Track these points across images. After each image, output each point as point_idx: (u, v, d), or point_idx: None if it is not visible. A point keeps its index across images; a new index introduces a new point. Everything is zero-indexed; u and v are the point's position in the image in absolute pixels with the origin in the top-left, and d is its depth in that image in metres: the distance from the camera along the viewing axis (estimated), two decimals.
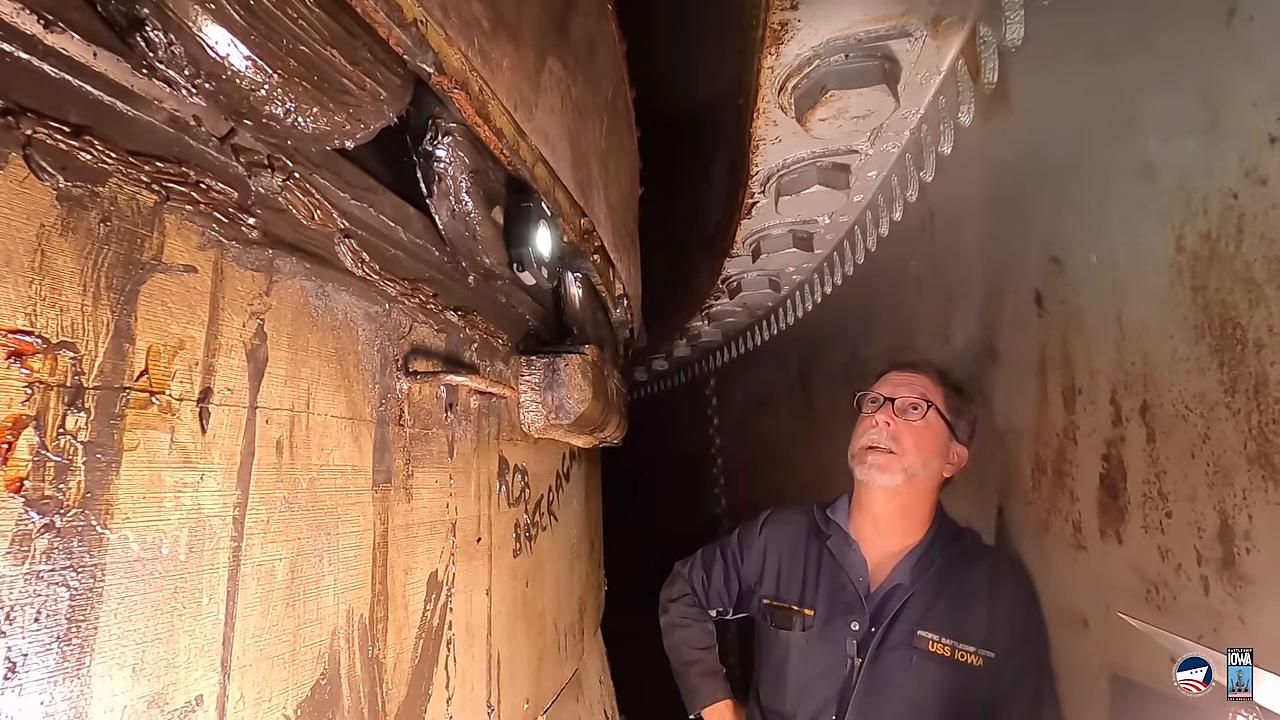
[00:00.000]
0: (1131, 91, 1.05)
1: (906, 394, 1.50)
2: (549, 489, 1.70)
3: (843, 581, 1.57)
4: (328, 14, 0.76)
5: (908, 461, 1.46)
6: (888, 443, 1.47)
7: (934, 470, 1.49)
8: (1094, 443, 1.20)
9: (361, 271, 0.93)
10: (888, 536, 1.55)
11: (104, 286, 0.58)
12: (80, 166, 0.58)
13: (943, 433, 1.48)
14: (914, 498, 1.52)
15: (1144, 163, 1.01)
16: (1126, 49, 1.06)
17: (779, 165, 2.02)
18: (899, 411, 1.48)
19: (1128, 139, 1.05)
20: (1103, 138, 1.11)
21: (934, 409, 1.47)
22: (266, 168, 0.78)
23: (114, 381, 0.59)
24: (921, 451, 1.47)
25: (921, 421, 1.47)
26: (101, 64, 0.61)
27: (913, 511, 1.53)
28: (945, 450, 1.49)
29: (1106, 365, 1.14)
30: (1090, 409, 1.21)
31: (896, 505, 1.54)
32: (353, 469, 0.88)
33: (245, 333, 0.73)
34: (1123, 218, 1.06)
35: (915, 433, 1.47)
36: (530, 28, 1.26)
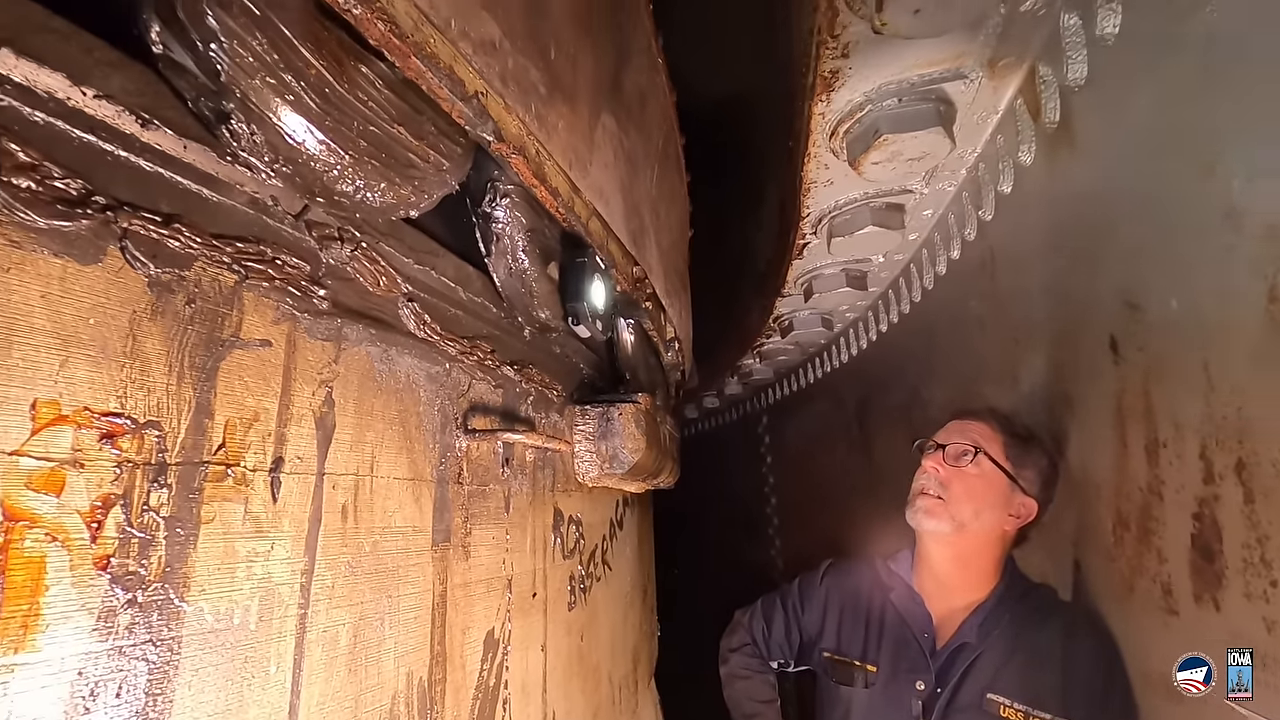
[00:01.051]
0: (1210, 131, 1.00)
1: (958, 440, 1.45)
2: (603, 538, 1.69)
3: (907, 637, 1.51)
4: (395, 93, 0.80)
5: (955, 509, 1.42)
6: (936, 489, 1.44)
7: (990, 521, 1.43)
8: (1183, 500, 1.12)
9: (423, 333, 0.96)
10: (950, 590, 1.49)
11: (187, 365, 0.61)
12: (169, 253, 0.61)
13: (999, 482, 1.42)
14: (971, 549, 1.46)
15: (1228, 207, 0.95)
16: (1201, 87, 1.01)
17: (831, 207, 2.00)
18: (950, 458, 1.44)
19: (1208, 181, 1.00)
20: (1179, 179, 1.06)
21: (985, 456, 1.42)
22: (337, 240, 0.82)
23: (194, 457, 0.61)
24: (971, 500, 1.41)
25: (974, 469, 1.42)
26: (190, 155, 0.65)
27: (973, 564, 1.47)
28: (1004, 501, 1.43)
29: (1194, 418, 1.07)
30: (1177, 464, 1.13)
31: (952, 555, 1.48)
32: (414, 529, 0.89)
33: (315, 401, 0.75)
34: (1206, 264, 1.00)
35: (965, 480, 1.42)
36: (585, 87, 1.30)
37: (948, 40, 1.34)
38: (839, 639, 1.62)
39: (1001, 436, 1.46)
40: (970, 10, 1.19)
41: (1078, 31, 1.25)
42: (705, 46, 2.73)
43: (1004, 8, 1.26)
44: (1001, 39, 1.36)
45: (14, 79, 0.52)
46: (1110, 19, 1.15)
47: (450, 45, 0.84)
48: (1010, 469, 1.43)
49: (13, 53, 0.51)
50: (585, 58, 1.29)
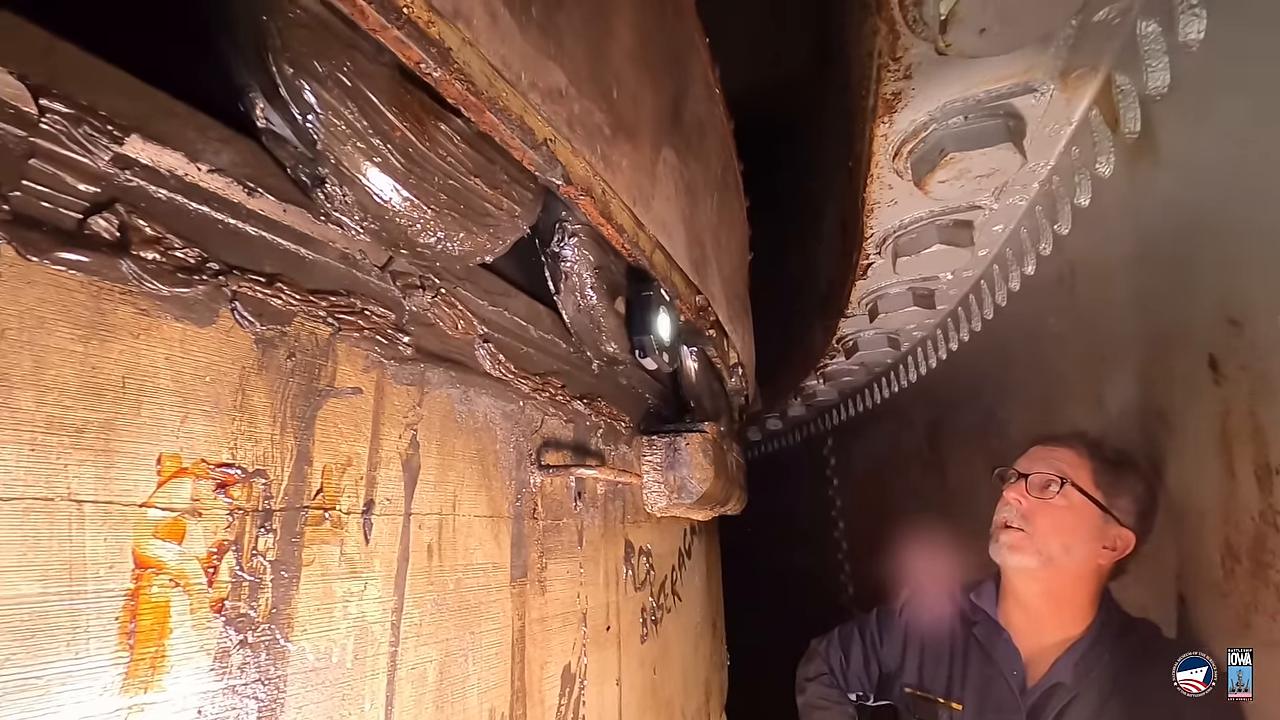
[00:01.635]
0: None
1: (1042, 469, 1.37)
2: (672, 568, 1.68)
3: (992, 675, 1.43)
4: (471, 146, 0.84)
5: (1042, 543, 1.33)
6: (1018, 521, 1.36)
7: (1081, 555, 1.34)
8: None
9: (498, 372, 0.99)
10: (1041, 627, 1.40)
11: (289, 416, 0.65)
12: (272, 310, 0.65)
13: (1089, 513, 1.33)
14: (1062, 585, 1.37)
15: None
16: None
17: (895, 226, 1.97)
18: (1033, 489, 1.36)
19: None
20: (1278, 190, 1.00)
21: (1072, 486, 1.33)
22: (419, 287, 0.85)
23: (296, 502, 0.64)
24: (1059, 533, 1.33)
25: (1060, 500, 1.33)
26: (289, 218, 0.70)
27: (1065, 600, 1.38)
28: (1096, 533, 1.33)
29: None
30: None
31: (1041, 591, 1.39)
32: (493, 566, 0.91)
33: (401, 444, 0.78)
34: None
35: (1051, 513, 1.34)
36: (646, 123, 1.32)
37: (1016, 55, 1.30)
38: (920, 674, 1.55)
39: (1090, 463, 1.37)
40: (1039, 25, 1.16)
41: (1157, 39, 1.20)
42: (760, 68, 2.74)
43: (1076, 20, 1.23)
44: (1074, 50, 1.32)
45: (141, 160, 0.57)
46: (1193, 24, 1.10)
47: (521, 97, 0.87)
48: (1101, 499, 1.33)
49: (141, 137, 0.56)
50: (645, 94, 1.32)
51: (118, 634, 0.50)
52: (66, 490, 0.48)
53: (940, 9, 1.09)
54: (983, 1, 1.08)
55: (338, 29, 0.67)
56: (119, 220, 0.54)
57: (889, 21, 1.24)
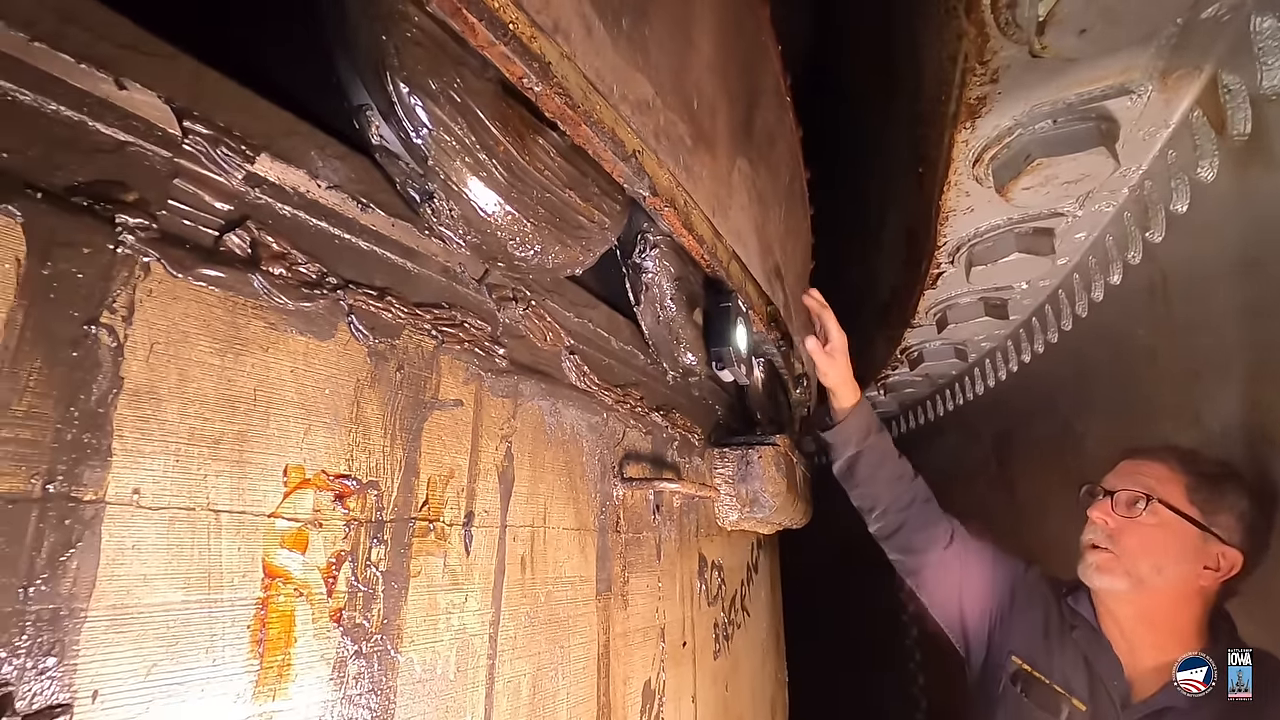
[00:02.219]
0: None
1: (1129, 486, 1.28)
2: (741, 582, 1.66)
3: (1095, 684, 1.33)
4: (566, 160, 0.84)
5: (1130, 564, 1.25)
6: (1105, 541, 1.28)
7: (1176, 577, 1.23)
8: None
9: (584, 384, 0.99)
10: (1136, 648, 1.31)
11: (399, 428, 0.66)
12: (384, 324, 0.66)
13: (1184, 532, 1.23)
14: (1159, 607, 1.27)
15: None
16: None
17: (970, 234, 1.90)
18: (1119, 507, 1.28)
19: None
20: None
21: (1161, 504, 1.24)
22: (512, 299, 0.86)
23: (405, 514, 0.65)
24: (1150, 554, 1.24)
25: (1150, 519, 1.24)
26: (397, 232, 0.71)
27: (1163, 624, 1.28)
28: (1194, 553, 1.23)
29: None
30: None
31: (1135, 614, 1.30)
32: (580, 579, 0.91)
33: (497, 456, 0.79)
34: None
35: (1141, 532, 1.25)
36: (723, 134, 1.31)
37: (1114, 56, 1.24)
38: (1033, 650, 1.42)
39: (1184, 478, 1.27)
40: (1144, 24, 1.10)
41: (1274, 34, 1.13)
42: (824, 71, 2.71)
43: (1181, 18, 1.16)
44: (1176, 49, 1.25)
45: (269, 179, 0.59)
46: None
47: (613, 109, 0.87)
48: (1198, 515, 1.23)
49: (270, 156, 0.58)
50: (722, 104, 1.31)
51: (249, 642, 0.51)
52: (206, 500, 0.49)
53: (1039, 10, 1.05)
54: (1085, 1, 1.04)
55: (449, 47, 0.68)
56: (250, 237, 0.56)
57: (978, 24, 1.20)
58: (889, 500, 1.61)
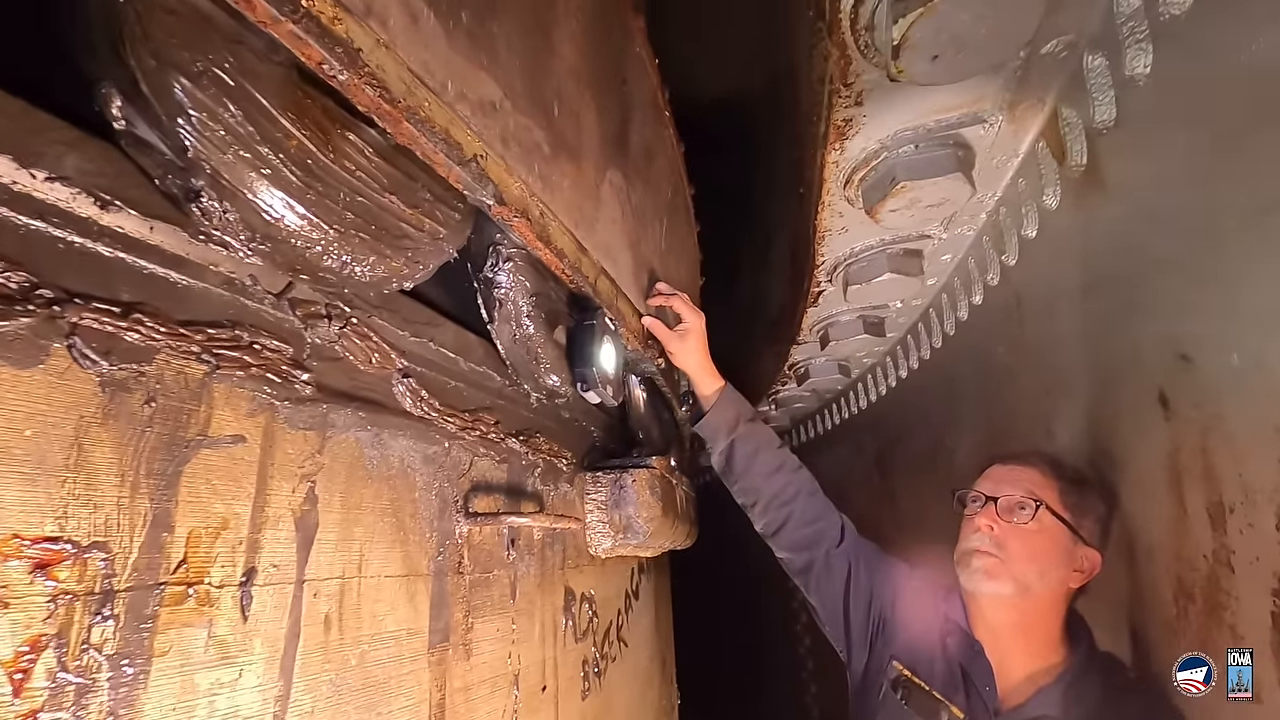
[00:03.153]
0: (1265, 172, 0.93)
1: (1011, 491, 1.30)
2: (618, 613, 1.58)
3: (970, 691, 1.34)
4: (386, 160, 0.75)
5: (1017, 569, 1.26)
6: (992, 548, 1.28)
7: (1054, 580, 1.27)
8: (1259, 574, 1.01)
9: (420, 411, 0.89)
10: (1007, 654, 1.33)
11: (144, 474, 0.54)
12: (127, 347, 0.55)
13: (1061, 536, 1.27)
14: (1035, 613, 1.30)
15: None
16: (1252, 125, 0.94)
17: (846, 254, 1.94)
18: (1003, 512, 1.29)
19: (1266, 225, 0.93)
20: (1231, 224, 0.99)
21: (1045, 509, 1.27)
22: (324, 317, 0.75)
23: (148, 579, 0.53)
24: (1035, 559, 1.26)
25: (1033, 524, 1.27)
26: (157, 236, 0.59)
27: (1036, 629, 1.31)
28: (1067, 556, 1.27)
29: (1266, 484, 0.97)
30: (1249, 533, 1.03)
31: (1013, 620, 1.32)
32: (407, 633, 0.80)
33: (295, 499, 0.68)
34: (1271, 315, 0.92)
35: (1025, 537, 1.27)
36: (591, 144, 1.25)
37: (966, 85, 1.29)
38: (913, 655, 1.41)
39: (1057, 483, 1.31)
40: (990, 55, 1.14)
41: (1103, 72, 1.20)
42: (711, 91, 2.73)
43: (1024, 51, 1.21)
44: (1021, 82, 1.31)
45: None
46: (1140, 59, 1.10)
47: (447, 108, 0.79)
48: (1070, 519, 1.27)
49: None
50: (589, 113, 1.25)
51: None
52: None
53: (893, 34, 1.05)
54: (935, 29, 1.05)
55: (220, 20, 0.58)
56: None
57: (841, 46, 1.21)
58: (770, 493, 1.57)
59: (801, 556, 1.53)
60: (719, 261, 2.99)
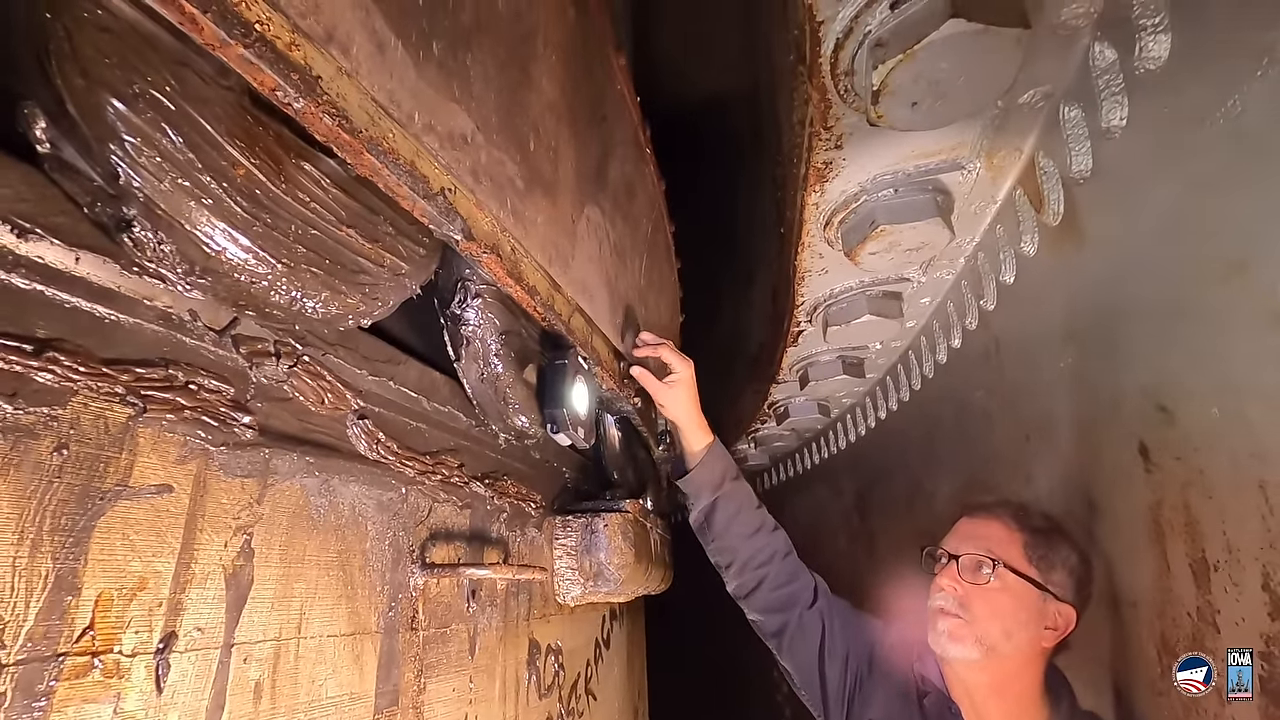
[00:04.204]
0: (1238, 227, 0.93)
1: (972, 550, 1.26)
2: (586, 664, 1.51)
3: None
4: (345, 192, 0.71)
5: (981, 630, 1.22)
6: (955, 608, 1.24)
7: (1023, 640, 1.22)
8: (1245, 635, 0.98)
9: (376, 454, 0.84)
10: (988, 716, 1.28)
11: (47, 530, 0.49)
12: (37, 389, 0.50)
13: (1026, 594, 1.22)
14: (1007, 674, 1.25)
15: (1271, 310, 0.87)
16: (1226, 180, 0.95)
17: (826, 295, 1.93)
18: (965, 571, 1.25)
19: (1242, 281, 0.92)
20: (1209, 278, 0.98)
21: (1003, 567, 1.22)
22: (271, 355, 0.71)
23: (44, 650, 0.47)
24: (998, 619, 1.21)
25: (996, 584, 1.22)
26: (84, 268, 0.55)
27: (1011, 689, 1.26)
28: (1037, 615, 1.22)
29: (1251, 543, 0.95)
30: (1234, 591, 1.00)
31: (986, 681, 1.27)
32: (350, 698, 0.74)
33: (227, 554, 0.62)
34: (1253, 371, 0.91)
35: (987, 597, 1.22)
36: (568, 180, 1.23)
37: (945, 132, 1.29)
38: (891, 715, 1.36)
39: (1021, 535, 1.26)
40: (968, 103, 1.14)
41: (1079, 124, 1.21)
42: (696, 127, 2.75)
43: (1001, 100, 1.22)
44: (999, 130, 1.32)
45: None
46: (1116, 111, 1.11)
47: (413, 140, 0.76)
48: (1036, 575, 1.22)
49: None
50: (567, 149, 1.23)
51: None
52: None
53: (873, 80, 1.05)
54: (914, 76, 1.05)
55: (163, 41, 0.54)
56: None
57: (821, 90, 1.21)
58: (747, 555, 1.52)
59: (775, 619, 1.48)
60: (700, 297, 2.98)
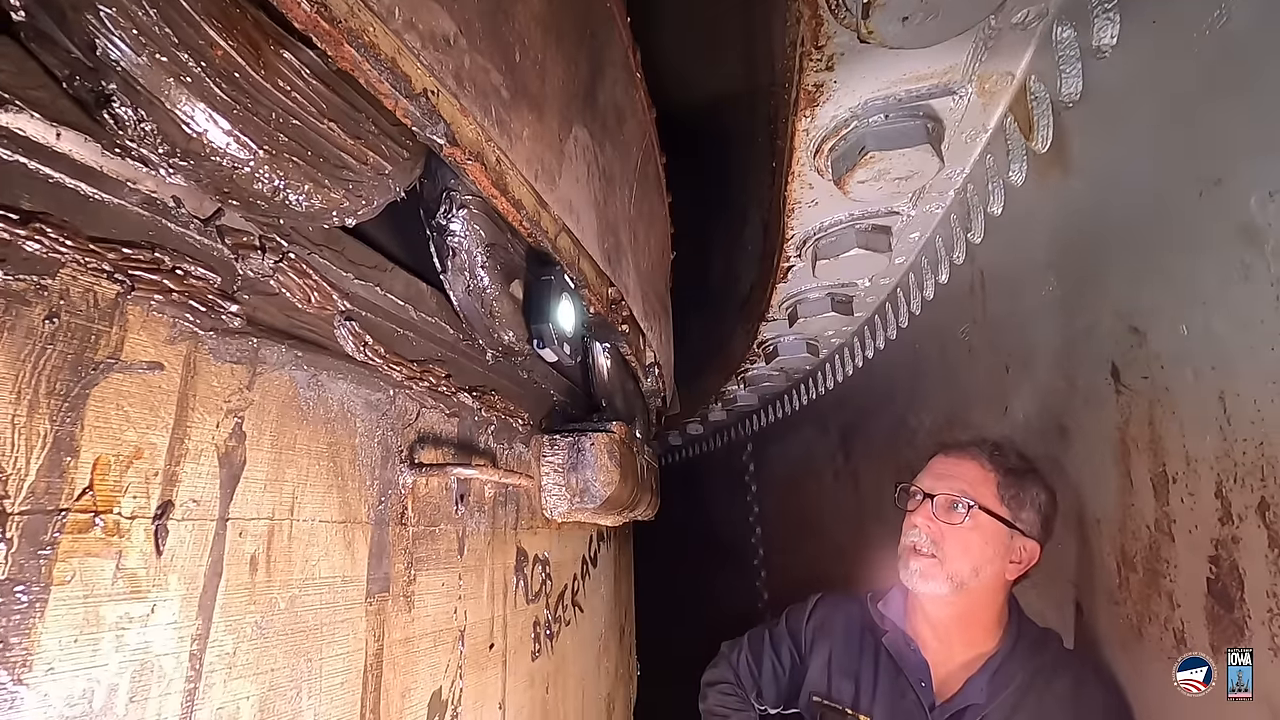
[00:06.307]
0: (1218, 144, 0.94)
1: (946, 489, 1.30)
2: (573, 577, 1.57)
3: (902, 687, 1.38)
4: (326, 85, 0.71)
5: (952, 568, 1.27)
6: (928, 547, 1.29)
7: (990, 575, 1.29)
8: (1197, 541, 1.04)
9: (364, 356, 0.86)
10: (950, 646, 1.35)
11: (44, 393, 0.51)
12: (26, 258, 0.51)
13: (997, 533, 1.28)
14: (973, 606, 1.32)
15: (1242, 224, 0.88)
16: (1208, 98, 0.95)
17: (816, 229, 1.93)
18: (939, 511, 1.29)
19: (1218, 197, 0.93)
20: (1186, 197, 0.99)
21: (979, 509, 1.27)
22: (257, 249, 0.72)
23: (47, 504, 0.50)
24: (968, 557, 1.27)
25: (969, 523, 1.27)
26: (66, 144, 0.55)
27: (975, 620, 1.33)
28: (1004, 550, 1.28)
29: (1208, 452, 0.99)
30: (1189, 501, 1.05)
31: (952, 614, 1.34)
32: (343, 580, 0.78)
33: (219, 434, 0.64)
34: (1220, 285, 0.93)
35: (959, 537, 1.27)
36: (555, 97, 1.22)
37: (936, 53, 1.27)
38: (829, 683, 1.48)
39: (994, 475, 1.31)
40: (960, 19, 1.12)
41: (1071, 44, 1.20)
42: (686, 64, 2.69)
43: (994, 19, 1.21)
44: (991, 53, 1.30)
45: None
46: (1108, 29, 1.10)
47: (393, 36, 0.75)
48: (1007, 514, 1.28)
49: None
50: (555, 65, 1.22)
51: None
52: None
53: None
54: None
55: None
56: None
57: (812, 5, 1.19)
58: None
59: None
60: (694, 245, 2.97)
